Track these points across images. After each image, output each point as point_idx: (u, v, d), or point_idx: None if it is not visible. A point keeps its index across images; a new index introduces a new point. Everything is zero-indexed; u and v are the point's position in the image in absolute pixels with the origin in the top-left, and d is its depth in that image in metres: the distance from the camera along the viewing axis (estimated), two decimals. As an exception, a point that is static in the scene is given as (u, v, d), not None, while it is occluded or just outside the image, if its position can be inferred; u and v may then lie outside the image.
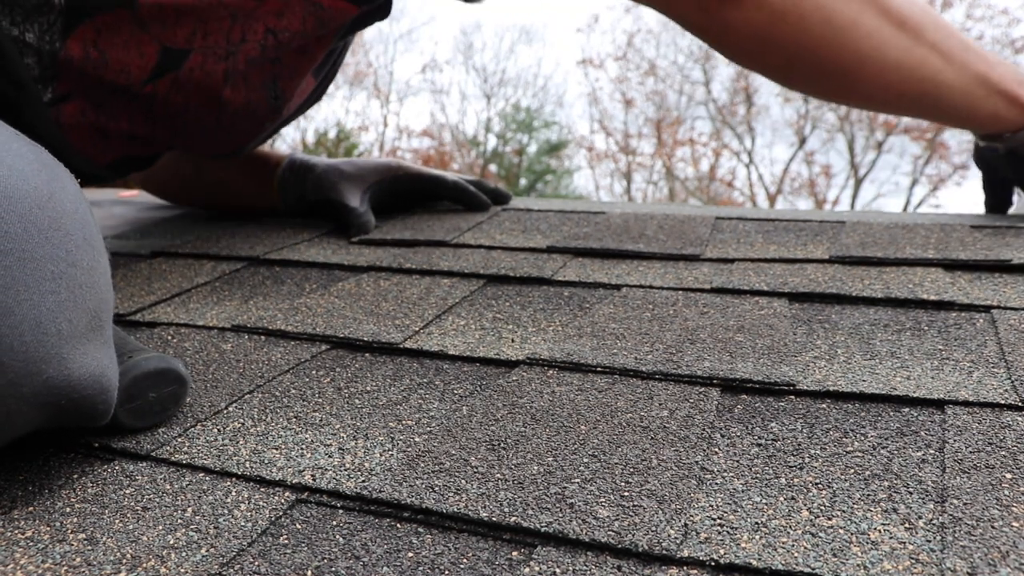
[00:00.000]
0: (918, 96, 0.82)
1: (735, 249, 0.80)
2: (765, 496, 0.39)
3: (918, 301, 0.64)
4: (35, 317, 0.39)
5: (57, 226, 0.41)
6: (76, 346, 0.41)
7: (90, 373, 0.42)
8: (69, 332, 0.41)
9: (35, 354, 0.39)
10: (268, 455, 0.45)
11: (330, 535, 0.38)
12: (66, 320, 0.40)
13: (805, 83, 0.86)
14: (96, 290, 0.44)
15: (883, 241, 0.78)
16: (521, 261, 0.79)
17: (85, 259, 0.43)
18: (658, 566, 0.35)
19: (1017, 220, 0.85)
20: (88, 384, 0.42)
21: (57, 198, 0.42)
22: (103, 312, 0.44)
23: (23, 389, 0.39)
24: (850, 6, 0.77)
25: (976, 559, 0.34)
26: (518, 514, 0.38)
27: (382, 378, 0.56)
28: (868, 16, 0.77)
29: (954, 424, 0.45)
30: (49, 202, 0.41)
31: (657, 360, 0.55)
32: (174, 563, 0.36)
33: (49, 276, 0.40)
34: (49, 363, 0.39)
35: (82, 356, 0.41)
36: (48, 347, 0.39)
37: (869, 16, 0.77)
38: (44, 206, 0.41)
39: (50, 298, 0.40)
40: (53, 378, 0.40)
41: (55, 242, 0.41)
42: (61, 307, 0.40)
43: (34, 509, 0.41)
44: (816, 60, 0.80)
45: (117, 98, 0.76)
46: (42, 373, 0.39)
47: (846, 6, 0.77)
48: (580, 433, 0.46)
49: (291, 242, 0.91)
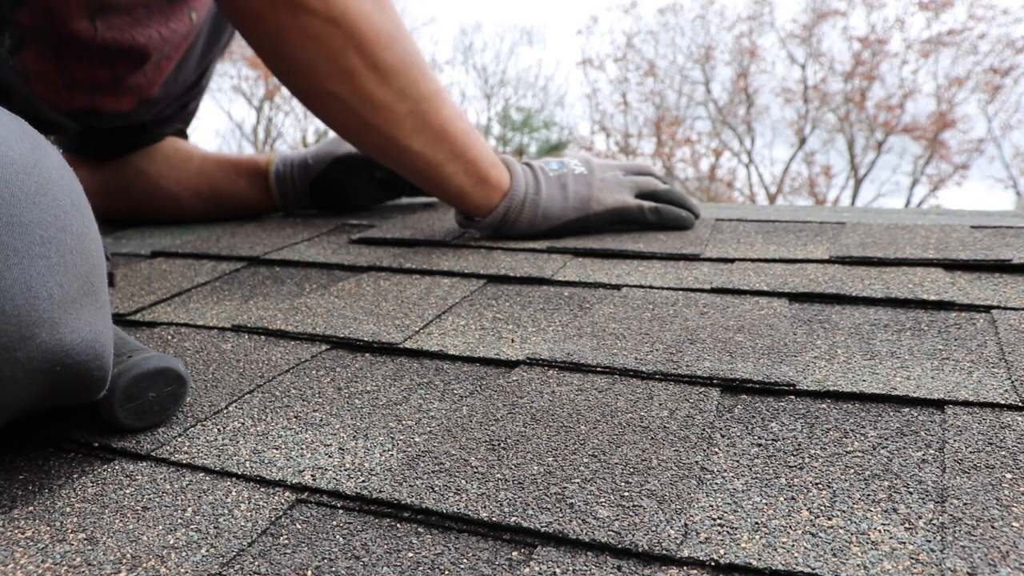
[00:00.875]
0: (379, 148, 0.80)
1: (735, 249, 0.80)
2: (765, 496, 0.39)
3: (918, 301, 0.64)
4: (25, 282, 0.38)
5: (44, 191, 0.41)
6: (68, 311, 0.41)
7: (83, 338, 0.41)
8: (61, 297, 0.40)
9: (27, 318, 0.38)
10: (268, 455, 0.45)
11: (330, 535, 0.38)
12: (57, 284, 0.40)
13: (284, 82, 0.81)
14: (87, 255, 0.43)
15: (883, 241, 0.78)
16: (521, 261, 0.79)
17: (74, 224, 0.42)
18: (658, 566, 0.35)
19: (1017, 220, 0.85)
20: (82, 349, 0.41)
21: (42, 164, 0.41)
22: (95, 277, 0.44)
23: (17, 354, 0.38)
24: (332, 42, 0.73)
25: (976, 559, 0.34)
26: (518, 514, 0.38)
27: (382, 378, 0.56)
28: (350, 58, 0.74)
29: (954, 424, 0.45)
30: (35, 168, 0.41)
31: (657, 360, 0.55)
32: (174, 563, 0.36)
33: (38, 241, 0.39)
34: (42, 327, 0.39)
35: (75, 321, 0.41)
36: (40, 311, 0.39)
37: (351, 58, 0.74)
38: (30, 171, 0.40)
39: (40, 262, 0.39)
40: (46, 343, 0.39)
41: (43, 207, 0.40)
42: (52, 271, 0.40)
43: (34, 509, 0.41)
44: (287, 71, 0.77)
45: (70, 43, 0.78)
46: (35, 338, 0.39)
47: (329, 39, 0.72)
48: (580, 433, 0.46)
49: (291, 242, 0.91)
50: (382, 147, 0.80)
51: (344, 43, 0.73)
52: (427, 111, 0.78)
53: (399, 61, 0.75)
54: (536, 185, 0.85)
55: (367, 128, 0.78)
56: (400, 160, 0.81)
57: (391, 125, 0.77)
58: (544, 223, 0.86)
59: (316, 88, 0.76)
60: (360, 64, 0.74)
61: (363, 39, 0.73)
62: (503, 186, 0.84)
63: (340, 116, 0.78)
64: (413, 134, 0.78)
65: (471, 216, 0.87)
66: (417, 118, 0.78)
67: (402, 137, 0.78)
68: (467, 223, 0.88)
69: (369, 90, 0.75)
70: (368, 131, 0.78)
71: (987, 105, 9.48)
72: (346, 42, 0.73)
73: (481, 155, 0.82)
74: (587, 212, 0.86)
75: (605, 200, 0.87)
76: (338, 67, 0.74)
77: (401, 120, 0.77)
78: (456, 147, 0.81)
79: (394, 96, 0.76)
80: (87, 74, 0.85)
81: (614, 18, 16.09)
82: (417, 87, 0.77)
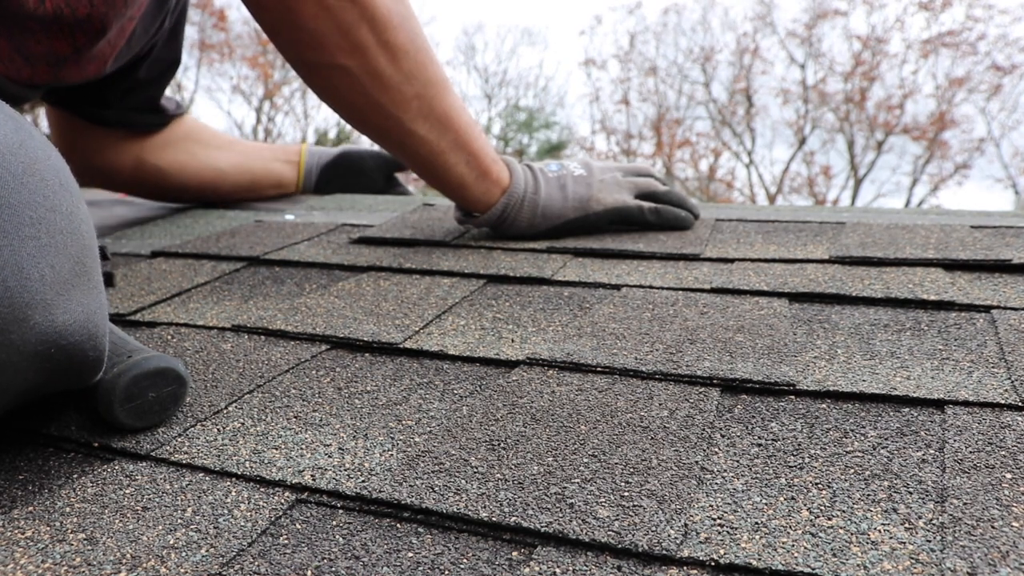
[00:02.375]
0: (383, 130, 0.80)
1: (735, 249, 0.80)
2: (765, 496, 0.39)
3: (918, 301, 0.64)
4: (16, 263, 0.38)
5: (31, 172, 0.40)
6: (61, 292, 0.40)
7: (76, 319, 0.41)
8: (52, 278, 0.40)
9: (19, 300, 0.38)
10: (268, 455, 0.45)
11: (330, 535, 0.38)
12: (48, 266, 0.40)
13: (289, 58, 0.81)
14: (78, 235, 0.43)
15: (883, 241, 0.78)
16: (521, 261, 0.79)
17: (64, 204, 0.42)
18: (658, 566, 0.35)
19: (1017, 220, 0.85)
20: (76, 330, 0.41)
21: (28, 145, 0.41)
22: (87, 257, 0.43)
23: (11, 336, 0.38)
24: (347, 14, 0.72)
25: (976, 559, 0.34)
26: (518, 514, 0.38)
27: (382, 378, 0.56)
28: (362, 33, 0.74)
29: (954, 424, 0.45)
30: (20, 149, 0.40)
31: (657, 360, 0.55)
32: (174, 563, 0.36)
33: (28, 222, 0.39)
34: (34, 309, 0.39)
35: (67, 302, 0.41)
36: (32, 292, 0.39)
37: (363, 33, 0.74)
38: (15, 152, 0.40)
39: (30, 243, 0.39)
40: (40, 324, 0.39)
41: (31, 187, 0.40)
42: (43, 252, 0.39)
43: (34, 509, 0.41)
44: (296, 44, 0.76)
45: (20, 17, 0.76)
46: (28, 319, 0.38)
47: (343, 12, 0.72)
48: (580, 433, 0.46)
49: (291, 242, 0.91)
50: (386, 129, 0.80)
51: (358, 18, 0.73)
52: (433, 96, 0.78)
53: (409, 42, 0.76)
54: (535, 184, 0.86)
55: (373, 107, 0.78)
56: (403, 144, 0.81)
57: (397, 106, 0.77)
58: (543, 223, 0.86)
59: (325, 61, 0.76)
60: (372, 40, 0.74)
61: (376, 15, 0.74)
62: (503, 182, 0.85)
63: (347, 93, 0.78)
64: (418, 118, 0.78)
65: (470, 212, 0.87)
66: (423, 102, 0.78)
67: (407, 120, 0.78)
68: (466, 219, 0.88)
69: (379, 67, 0.75)
70: (374, 110, 0.78)
71: (986, 105, 9.48)
72: (360, 17, 0.73)
73: (483, 149, 0.83)
74: (586, 212, 0.87)
75: (604, 200, 0.87)
76: (350, 41, 0.74)
77: (407, 102, 0.77)
78: (459, 137, 0.81)
79: (402, 76, 0.76)
80: (45, 48, 0.82)
81: (618, 18, 16.09)
82: (425, 71, 0.77)
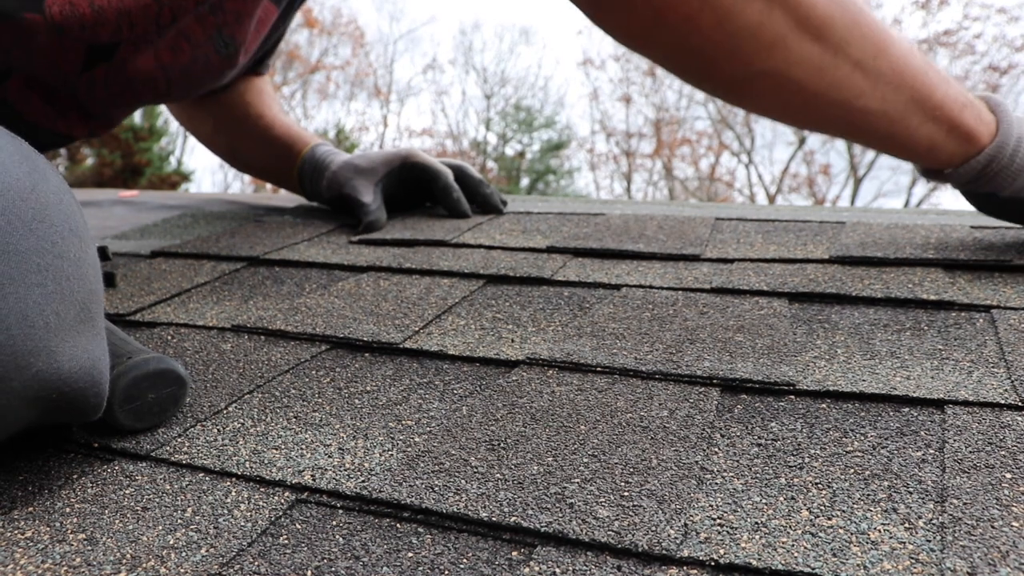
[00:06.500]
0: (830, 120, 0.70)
1: (735, 249, 0.80)
2: (765, 496, 0.39)
3: (918, 301, 0.64)
4: (21, 310, 0.38)
5: (41, 217, 0.41)
6: (65, 338, 0.41)
7: (80, 366, 0.41)
8: (57, 325, 0.40)
9: (23, 347, 0.38)
10: (268, 455, 0.45)
11: (330, 535, 0.38)
12: (53, 312, 0.40)
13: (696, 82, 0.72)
14: (84, 281, 0.43)
15: (883, 241, 0.78)
16: (521, 261, 0.79)
17: (72, 250, 0.42)
18: (658, 566, 0.35)
19: None
20: (79, 377, 0.41)
21: (40, 189, 0.41)
22: (92, 303, 0.44)
23: (12, 383, 0.38)
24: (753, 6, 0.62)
25: (976, 559, 0.34)
26: (518, 514, 0.38)
27: (382, 378, 0.56)
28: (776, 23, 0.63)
29: (954, 424, 0.45)
30: (32, 193, 0.41)
31: (657, 360, 0.55)
32: (174, 563, 0.36)
33: (35, 268, 0.39)
34: (38, 356, 0.39)
35: (72, 348, 0.41)
36: (36, 340, 0.39)
37: (777, 23, 0.63)
38: (27, 198, 0.40)
39: (36, 291, 0.39)
40: (43, 371, 0.39)
41: (40, 234, 0.40)
42: (48, 299, 0.40)
43: (34, 509, 0.41)
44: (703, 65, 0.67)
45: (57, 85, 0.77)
46: (31, 367, 0.39)
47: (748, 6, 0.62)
48: (580, 433, 0.46)
49: (291, 242, 0.91)
50: (831, 118, 0.69)
51: (765, 6, 0.62)
52: (876, 55, 0.65)
53: (828, 4, 0.63)
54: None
55: (812, 101, 0.67)
56: (853, 125, 0.69)
57: (838, 87, 0.66)
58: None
59: (741, 74, 0.66)
60: (789, 25, 0.63)
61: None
62: (981, 129, 0.69)
63: (777, 97, 0.68)
64: (866, 90, 0.66)
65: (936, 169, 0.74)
66: (866, 70, 0.65)
67: (853, 97, 0.66)
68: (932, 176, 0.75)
69: (804, 54, 0.64)
70: (813, 104, 0.67)
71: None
72: (767, 4, 0.62)
73: (948, 96, 0.68)
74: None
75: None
76: (765, 38, 0.63)
77: (848, 77, 0.65)
78: (917, 92, 0.67)
79: (833, 51, 0.64)
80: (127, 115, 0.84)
81: (615, 18, 16.07)
82: (858, 28, 0.64)
